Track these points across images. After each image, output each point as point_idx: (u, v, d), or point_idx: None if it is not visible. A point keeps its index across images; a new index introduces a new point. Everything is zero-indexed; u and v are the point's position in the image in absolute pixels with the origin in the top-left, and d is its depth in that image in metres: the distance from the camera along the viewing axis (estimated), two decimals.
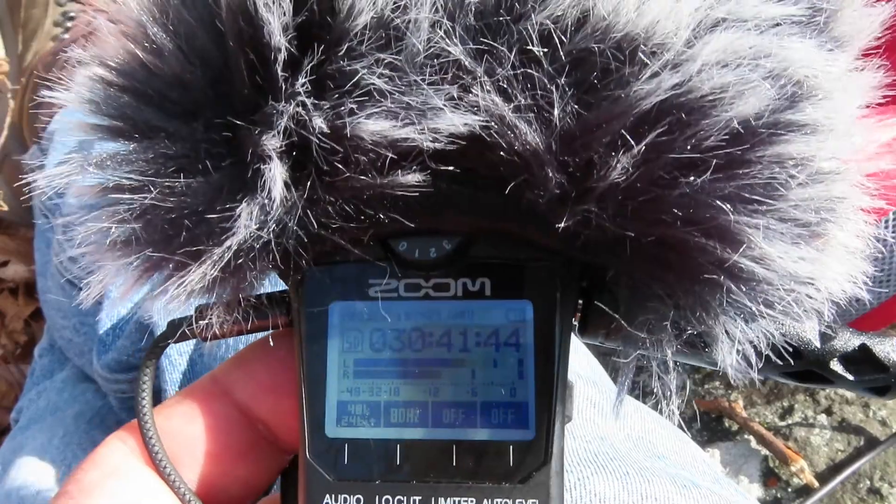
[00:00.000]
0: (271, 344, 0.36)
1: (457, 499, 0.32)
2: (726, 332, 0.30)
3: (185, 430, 0.35)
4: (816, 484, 0.95)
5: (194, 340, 0.70)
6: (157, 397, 0.78)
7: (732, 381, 0.32)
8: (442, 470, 0.32)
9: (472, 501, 0.32)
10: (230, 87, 0.29)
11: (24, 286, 1.51)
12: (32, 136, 1.37)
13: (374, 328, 0.33)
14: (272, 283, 0.36)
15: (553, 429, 0.32)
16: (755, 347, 0.30)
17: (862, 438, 0.98)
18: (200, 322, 0.34)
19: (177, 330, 0.35)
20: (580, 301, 0.34)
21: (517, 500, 0.32)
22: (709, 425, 1.05)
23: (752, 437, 1.02)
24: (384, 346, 0.33)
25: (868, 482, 0.96)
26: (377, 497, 0.32)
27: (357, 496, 0.32)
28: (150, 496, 0.34)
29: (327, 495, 0.32)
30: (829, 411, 1.02)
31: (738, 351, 0.30)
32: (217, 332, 0.34)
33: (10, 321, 1.49)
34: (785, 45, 0.28)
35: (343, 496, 0.32)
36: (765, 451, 1.00)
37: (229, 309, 0.33)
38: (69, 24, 1.39)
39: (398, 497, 0.32)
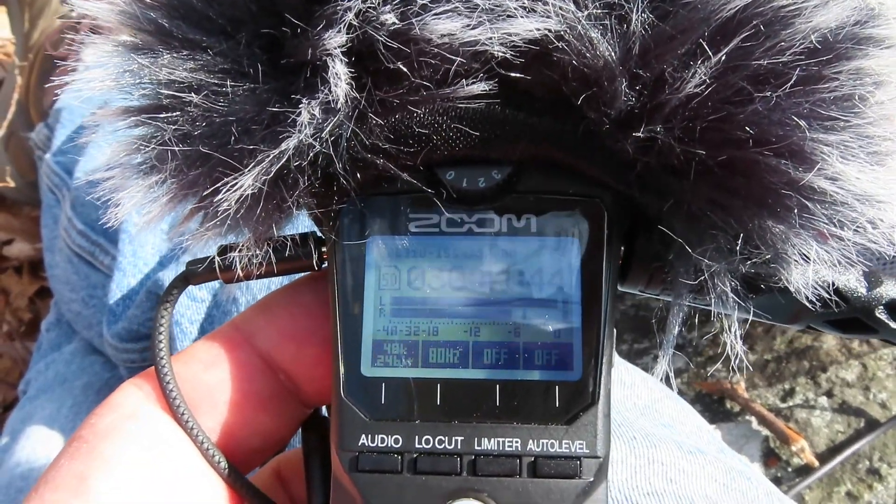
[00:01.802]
0: (296, 290, 0.35)
1: (501, 439, 0.31)
2: (802, 254, 0.28)
3: (204, 377, 0.34)
4: (817, 464, 0.96)
5: (206, 309, 0.70)
6: None
7: (734, 366, 0.31)
8: (485, 410, 0.31)
9: (517, 441, 0.31)
10: None
11: (29, 264, 1.52)
12: (39, 113, 1.37)
13: (412, 265, 0.32)
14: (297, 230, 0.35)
15: (600, 369, 0.31)
16: (822, 279, 0.29)
17: (862, 420, 0.99)
18: (224, 259, 0.33)
19: (196, 269, 0.34)
20: (622, 247, 0.33)
21: (564, 441, 0.31)
22: (711, 406, 1.06)
23: (753, 418, 1.03)
24: (423, 284, 0.32)
25: (867, 463, 0.97)
26: (417, 437, 0.31)
27: (395, 436, 0.31)
28: (166, 442, 0.33)
29: (363, 435, 0.31)
30: (829, 393, 1.03)
31: (812, 274, 0.29)
32: (241, 273, 0.33)
33: (14, 299, 1.50)
34: None
35: (381, 436, 0.31)
36: (766, 432, 1.01)
37: (258, 244, 0.32)
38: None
39: (439, 437, 0.31)
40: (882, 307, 0.33)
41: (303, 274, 0.35)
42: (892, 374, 1.03)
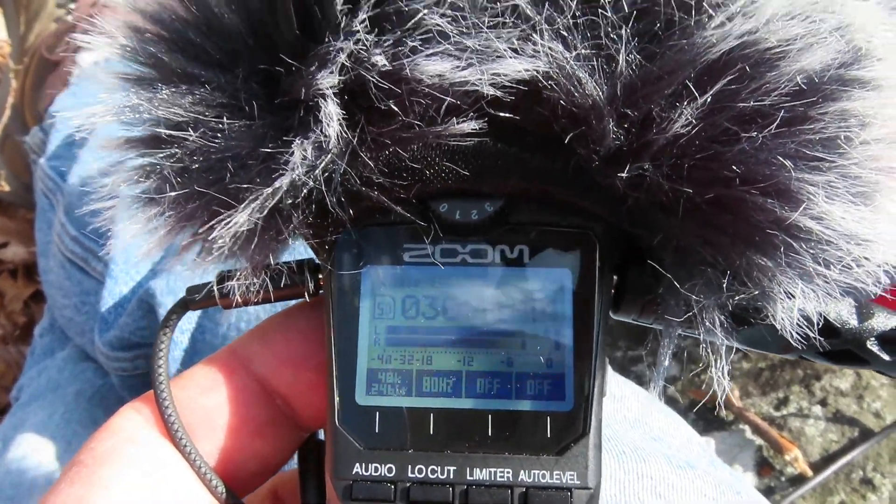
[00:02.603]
0: (292, 316, 0.36)
1: (493, 469, 0.31)
2: (786, 292, 0.29)
3: (202, 401, 0.35)
4: (810, 473, 0.96)
5: (196, 318, 0.70)
6: None
7: (721, 374, 0.31)
8: (477, 439, 0.32)
9: (508, 472, 0.31)
10: (273, 33, 0.29)
11: (24, 268, 1.52)
12: (33, 117, 1.37)
13: (407, 295, 0.33)
14: (294, 257, 0.35)
15: (591, 401, 0.31)
16: (810, 314, 0.30)
17: (856, 430, 1.00)
18: (223, 287, 0.33)
19: (194, 297, 0.35)
20: (615, 277, 0.33)
21: (555, 472, 0.31)
22: (704, 415, 1.06)
23: (746, 427, 1.03)
24: (417, 314, 0.33)
25: (861, 472, 0.97)
26: (410, 466, 0.31)
27: (389, 465, 0.31)
28: (165, 466, 0.33)
29: (357, 464, 0.32)
30: (823, 402, 1.03)
31: (797, 311, 0.29)
32: (239, 299, 0.33)
33: (9, 302, 1.50)
34: (848, 2, 0.27)
35: (374, 465, 0.31)
36: (759, 441, 1.01)
37: (255, 273, 0.32)
38: (72, 5, 1.39)
39: (431, 466, 0.31)
40: (874, 339, 0.33)
41: (299, 300, 0.35)
42: (886, 384, 1.03)
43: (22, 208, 1.54)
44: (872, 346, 0.34)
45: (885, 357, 0.34)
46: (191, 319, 0.71)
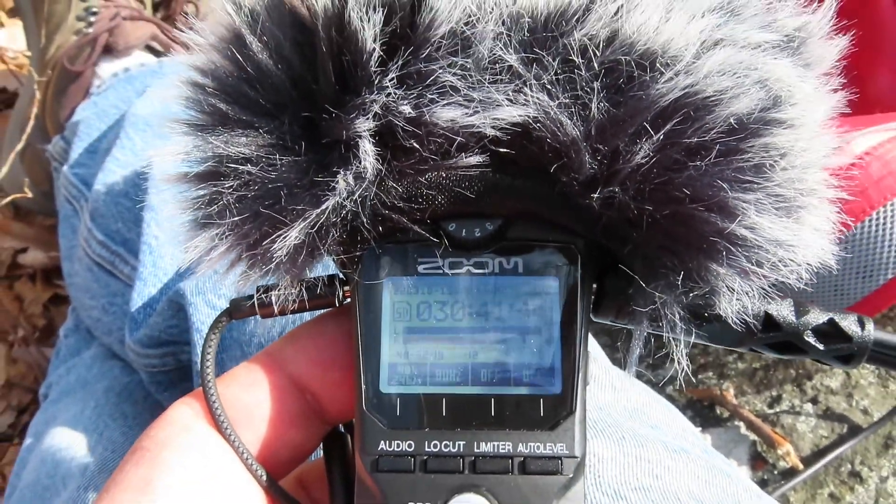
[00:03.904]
0: (321, 323, 0.41)
1: (496, 443, 0.37)
2: (727, 286, 0.36)
3: (244, 397, 0.39)
4: (801, 467, 1.00)
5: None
6: (188, 370, 0.83)
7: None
8: (482, 419, 0.37)
9: (509, 445, 0.37)
10: (314, 86, 0.35)
11: (42, 272, 1.56)
12: (54, 126, 1.41)
13: (421, 300, 0.39)
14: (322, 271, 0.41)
15: (577, 384, 0.37)
16: (751, 308, 0.37)
17: (845, 426, 1.04)
18: (263, 298, 0.39)
19: (239, 306, 0.40)
20: (594, 284, 0.39)
21: (548, 444, 0.37)
22: (701, 412, 1.10)
23: (741, 424, 1.07)
24: (430, 316, 0.38)
25: (850, 466, 1.01)
26: (426, 442, 0.37)
27: (409, 441, 0.37)
28: (214, 453, 0.38)
29: (382, 441, 0.37)
30: (814, 400, 1.07)
31: (737, 301, 0.36)
32: (275, 310, 0.39)
33: (28, 305, 1.54)
34: (768, 61, 0.35)
35: (396, 441, 0.37)
36: (753, 437, 1.06)
37: (293, 285, 0.38)
38: (92, 18, 1.42)
39: (444, 442, 0.37)
40: (810, 331, 0.39)
41: (327, 309, 0.41)
42: (874, 383, 1.07)
43: (40, 215, 1.58)
44: (809, 337, 0.39)
45: (820, 347, 0.39)
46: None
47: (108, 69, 1.34)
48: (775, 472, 1.02)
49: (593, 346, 0.72)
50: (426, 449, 0.37)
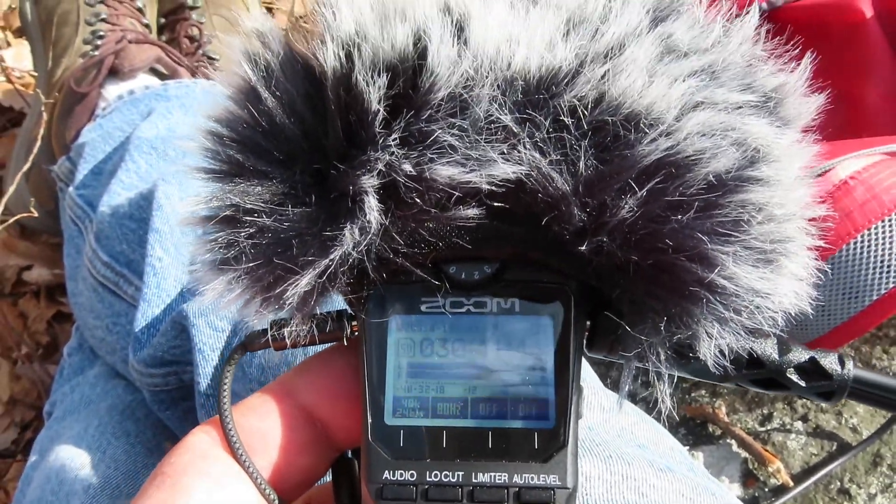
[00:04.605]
0: (329, 356, 0.43)
1: (492, 474, 0.39)
2: (706, 332, 0.38)
3: (258, 425, 0.42)
4: (791, 484, 1.02)
5: (225, 338, 0.77)
6: (190, 389, 0.85)
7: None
8: (480, 451, 0.39)
9: (505, 476, 0.39)
10: (323, 139, 0.38)
11: (46, 289, 1.58)
12: (60, 147, 1.43)
13: (424, 337, 0.41)
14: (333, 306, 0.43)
15: (570, 418, 0.39)
16: (728, 349, 0.39)
17: (834, 444, 1.06)
18: (276, 332, 0.41)
19: (254, 340, 0.43)
20: (588, 322, 0.41)
21: (541, 475, 0.38)
22: (694, 430, 1.12)
23: (733, 441, 1.09)
24: (432, 352, 0.41)
25: (839, 483, 1.03)
26: (427, 472, 0.39)
27: (411, 471, 0.39)
28: (230, 479, 0.40)
29: (387, 470, 0.39)
30: (805, 418, 1.09)
31: (715, 346, 0.38)
32: (288, 343, 0.41)
33: (32, 322, 1.56)
34: (746, 121, 0.37)
35: (399, 471, 0.39)
36: (745, 454, 1.07)
37: (303, 322, 0.41)
38: (98, 41, 1.45)
39: (445, 472, 0.39)
40: (792, 369, 0.41)
41: (333, 343, 0.44)
42: None
43: (45, 233, 1.61)
44: (791, 375, 0.41)
45: (802, 383, 0.41)
46: (220, 339, 0.78)
47: (114, 91, 1.36)
48: (766, 490, 1.04)
49: (585, 368, 0.75)
50: (427, 479, 0.39)
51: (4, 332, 1.50)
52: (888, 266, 0.90)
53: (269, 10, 1.77)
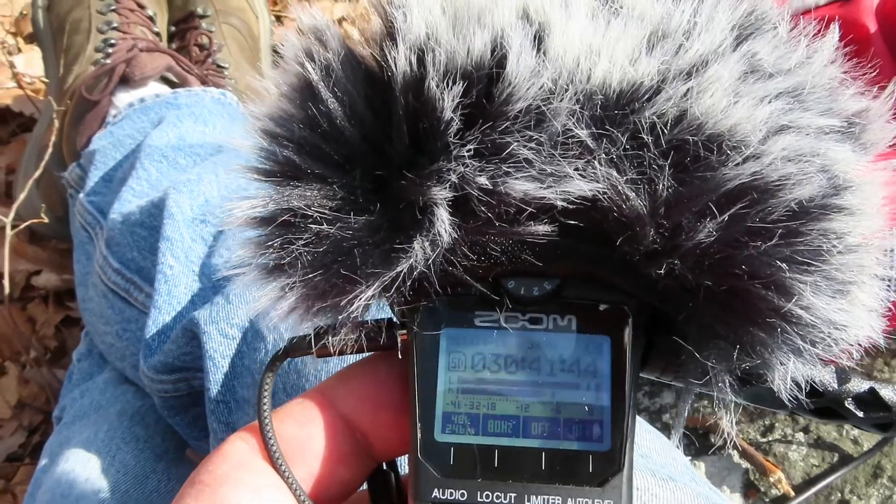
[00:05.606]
0: (373, 364, 0.42)
1: (545, 496, 0.37)
2: (780, 362, 0.36)
3: (297, 433, 0.40)
4: (792, 494, 1.03)
5: (235, 345, 0.78)
6: (200, 395, 0.86)
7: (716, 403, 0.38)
8: (532, 472, 0.37)
9: (558, 499, 0.37)
10: (385, 145, 0.36)
11: (55, 294, 1.60)
12: (70, 154, 1.45)
13: (476, 352, 0.39)
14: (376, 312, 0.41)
15: (626, 442, 0.37)
16: (800, 379, 0.37)
17: (835, 455, 1.06)
18: (320, 339, 0.39)
19: (298, 347, 0.41)
20: (644, 342, 0.39)
21: (596, 500, 0.37)
22: (697, 440, 1.13)
23: (735, 452, 1.10)
24: (484, 368, 0.39)
25: (839, 494, 1.04)
26: (479, 492, 0.37)
27: (462, 491, 0.37)
28: (271, 490, 0.39)
29: (436, 489, 0.37)
30: (806, 430, 1.10)
31: (789, 376, 0.36)
32: (333, 351, 0.40)
33: (41, 327, 1.57)
34: (830, 147, 0.36)
35: (450, 490, 0.37)
36: (746, 465, 1.08)
37: (352, 330, 0.39)
38: (110, 49, 1.46)
39: (497, 493, 0.37)
40: (850, 399, 0.40)
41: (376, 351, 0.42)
42: None
43: (54, 239, 1.62)
44: (849, 405, 0.40)
45: (859, 414, 0.40)
46: (230, 346, 0.79)
47: (125, 99, 1.37)
48: (767, 500, 1.05)
49: None
50: (478, 499, 0.37)
51: (13, 336, 1.51)
52: None
53: (279, 18, 1.79)
